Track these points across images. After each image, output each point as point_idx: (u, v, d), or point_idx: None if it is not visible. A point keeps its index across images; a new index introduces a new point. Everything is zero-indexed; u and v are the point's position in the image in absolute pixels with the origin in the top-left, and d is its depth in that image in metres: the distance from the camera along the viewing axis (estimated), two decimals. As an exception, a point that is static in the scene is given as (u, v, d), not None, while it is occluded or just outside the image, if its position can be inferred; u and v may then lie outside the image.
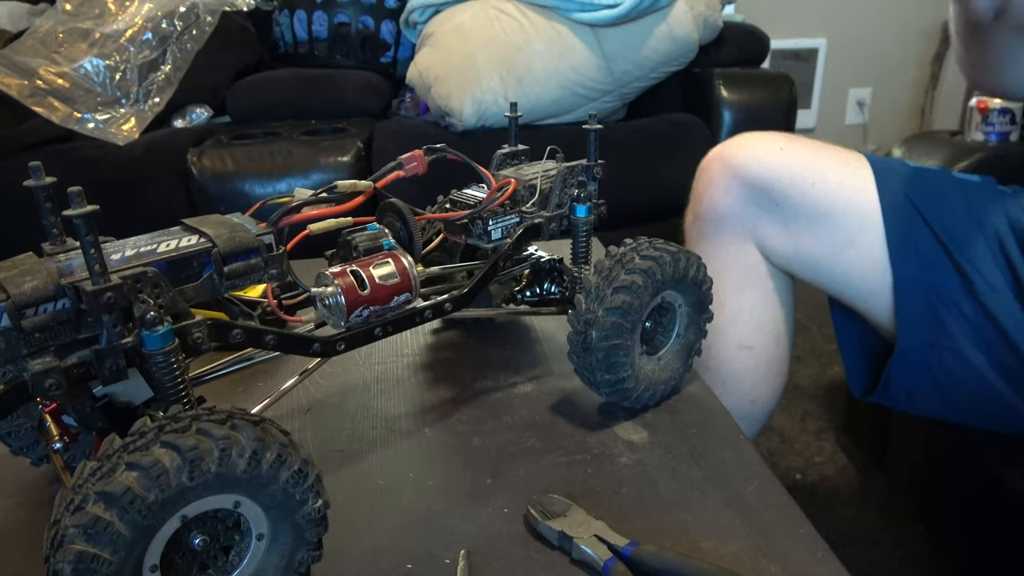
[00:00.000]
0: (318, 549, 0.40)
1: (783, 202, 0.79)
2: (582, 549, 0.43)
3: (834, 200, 0.77)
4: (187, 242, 0.42)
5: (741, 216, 0.82)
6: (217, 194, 1.33)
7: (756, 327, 0.86)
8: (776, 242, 0.81)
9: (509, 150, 0.63)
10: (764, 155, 0.81)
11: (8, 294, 0.36)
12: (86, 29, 1.49)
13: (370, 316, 0.48)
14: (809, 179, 0.78)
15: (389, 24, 1.71)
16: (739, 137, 0.86)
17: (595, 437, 0.55)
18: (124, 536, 0.32)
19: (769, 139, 0.83)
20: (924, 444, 1.12)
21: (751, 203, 0.81)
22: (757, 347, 0.86)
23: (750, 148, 0.82)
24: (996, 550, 0.93)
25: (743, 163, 0.81)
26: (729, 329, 0.85)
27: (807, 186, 0.78)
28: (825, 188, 0.77)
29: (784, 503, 0.48)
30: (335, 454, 0.54)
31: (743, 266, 0.85)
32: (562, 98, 1.38)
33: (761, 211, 0.81)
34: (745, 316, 0.85)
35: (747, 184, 0.81)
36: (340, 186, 0.49)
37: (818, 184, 0.77)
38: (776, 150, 0.80)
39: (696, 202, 0.87)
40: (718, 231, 0.84)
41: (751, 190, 0.81)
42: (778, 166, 0.79)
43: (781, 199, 0.79)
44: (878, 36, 2.60)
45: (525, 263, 0.64)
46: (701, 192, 0.86)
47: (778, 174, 0.79)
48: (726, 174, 0.83)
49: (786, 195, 0.79)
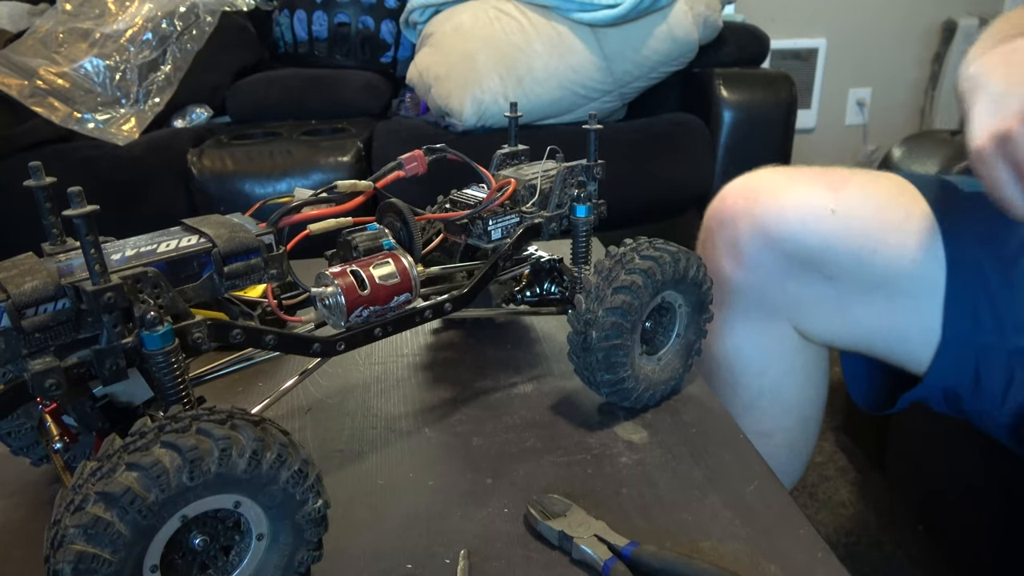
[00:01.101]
0: (318, 549, 0.40)
1: (837, 275, 0.65)
2: (582, 549, 0.43)
3: (899, 264, 0.63)
4: (187, 242, 0.42)
5: (774, 291, 0.68)
6: (217, 194, 1.33)
7: (779, 411, 0.74)
8: (819, 317, 0.68)
9: (509, 150, 0.63)
10: (815, 222, 0.64)
11: (8, 294, 0.36)
12: (86, 29, 1.49)
13: (370, 316, 0.48)
14: (870, 245, 0.63)
15: (389, 24, 1.71)
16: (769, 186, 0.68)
17: (595, 437, 0.55)
18: (124, 536, 0.32)
19: (814, 196, 0.65)
20: (924, 444, 1.12)
21: (791, 278, 0.66)
22: (777, 435, 0.74)
23: (794, 212, 0.65)
24: (996, 550, 0.93)
25: (786, 232, 0.65)
26: (745, 415, 0.72)
27: (867, 254, 0.63)
28: (888, 252, 0.63)
29: (784, 503, 0.48)
30: (335, 454, 0.54)
31: (768, 344, 0.71)
32: (562, 98, 1.38)
33: (803, 286, 0.67)
34: (765, 400, 0.73)
35: (789, 257, 0.66)
36: (340, 186, 0.49)
37: (880, 250, 0.63)
38: (827, 213, 0.64)
39: (712, 266, 0.70)
40: (741, 304, 0.70)
41: (794, 264, 0.66)
42: (833, 235, 0.64)
43: (835, 272, 0.65)
44: (878, 36, 2.60)
45: (525, 263, 0.64)
46: (719, 257, 0.70)
47: (834, 244, 0.64)
48: (758, 242, 0.66)
49: (841, 268, 0.65)
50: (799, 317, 0.69)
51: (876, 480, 1.26)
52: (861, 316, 0.66)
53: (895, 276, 0.64)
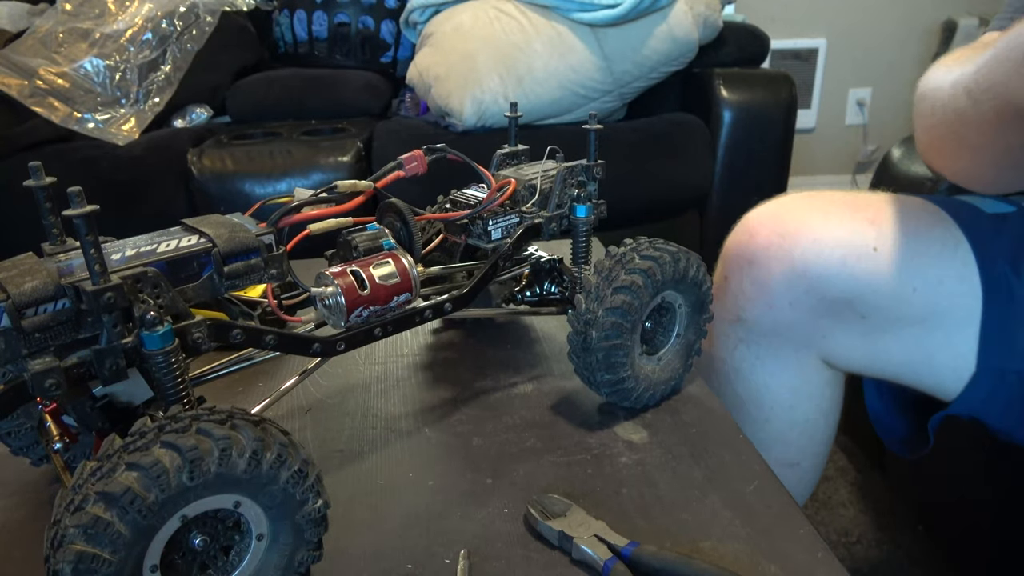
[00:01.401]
0: (318, 549, 0.40)
1: (872, 314, 0.63)
2: (582, 549, 0.43)
3: (935, 301, 0.62)
4: (187, 242, 0.42)
5: (806, 327, 0.67)
6: (217, 194, 1.33)
7: (806, 443, 0.73)
8: (849, 351, 0.67)
9: (509, 150, 0.63)
10: (856, 262, 0.62)
11: (8, 294, 0.36)
12: (86, 29, 1.49)
13: (370, 316, 0.48)
14: (910, 283, 0.62)
15: (389, 24, 1.71)
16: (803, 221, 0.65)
17: (595, 437, 0.55)
18: (124, 536, 0.32)
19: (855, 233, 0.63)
20: (924, 444, 1.12)
21: (824, 316, 0.65)
22: (804, 463, 0.74)
23: (835, 252, 0.63)
24: (996, 550, 0.93)
25: (825, 275, 0.63)
26: (776, 447, 0.71)
27: (907, 292, 0.62)
28: (926, 290, 0.62)
29: (784, 503, 0.48)
30: (335, 454, 0.54)
31: (799, 380, 0.70)
32: (562, 98, 1.38)
33: (836, 322, 0.65)
34: (795, 433, 0.72)
35: (825, 298, 0.64)
36: (340, 186, 0.49)
37: (920, 288, 0.62)
38: (870, 251, 0.62)
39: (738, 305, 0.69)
40: (771, 342, 0.69)
41: (830, 304, 0.64)
42: (874, 275, 0.62)
43: (870, 312, 0.63)
44: (878, 36, 2.60)
45: (525, 263, 0.64)
46: (748, 296, 0.68)
47: (874, 284, 0.62)
48: (794, 283, 0.64)
49: (878, 307, 0.63)
50: (828, 351, 0.68)
51: (876, 480, 1.26)
52: (892, 349, 0.65)
53: (933, 312, 0.63)
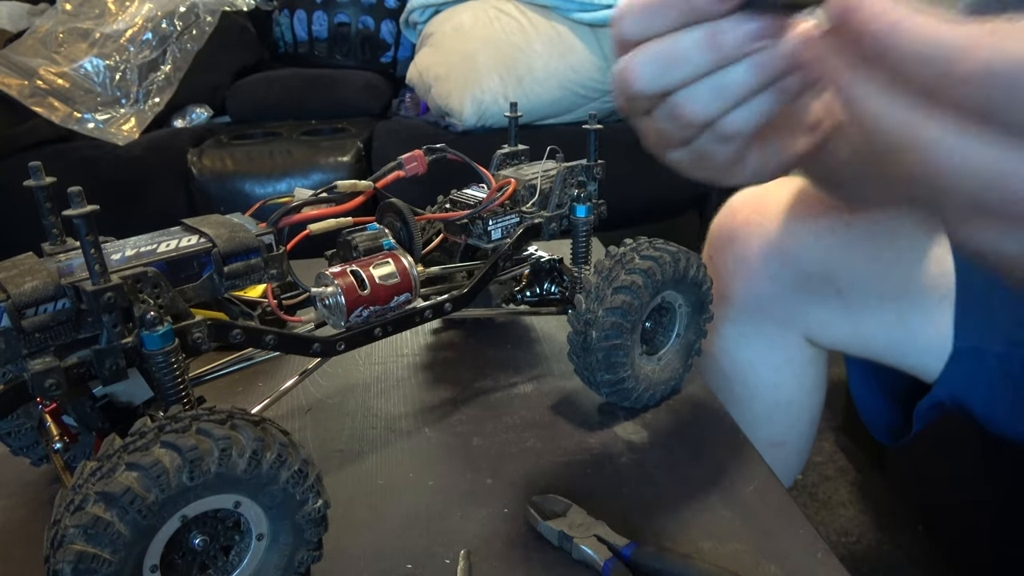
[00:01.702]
0: (318, 549, 0.40)
1: (849, 290, 0.64)
2: (582, 549, 0.43)
3: (913, 277, 0.62)
4: (187, 242, 0.42)
5: (786, 304, 0.67)
6: (217, 194, 1.33)
7: (792, 422, 0.74)
8: (830, 328, 0.67)
9: (509, 150, 0.63)
10: (830, 236, 0.63)
11: (8, 294, 0.36)
12: (86, 29, 1.49)
13: (370, 316, 0.48)
14: (885, 258, 0.62)
15: (389, 24, 1.71)
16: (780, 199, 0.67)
17: (595, 437, 0.55)
18: (124, 536, 0.32)
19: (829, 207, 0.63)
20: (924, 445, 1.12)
21: (803, 291, 0.66)
22: (790, 442, 0.75)
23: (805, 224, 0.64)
24: (996, 550, 0.93)
25: (798, 248, 0.64)
26: (761, 427, 0.70)
27: (881, 267, 0.62)
28: (901, 266, 0.62)
29: (784, 503, 0.48)
30: (335, 454, 0.54)
31: (783, 358, 0.71)
32: (562, 98, 1.38)
33: (815, 299, 0.66)
34: (780, 412, 0.73)
35: (802, 272, 0.65)
36: (340, 186, 0.49)
37: (895, 263, 0.62)
38: (843, 226, 0.62)
39: (722, 282, 0.69)
40: (754, 319, 0.70)
41: (806, 278, 0.65)
42: (847, 249, 0.62)
43: (847, 288, 0.64)
44: (878, 36, 2.60)
45: (525, 263, 0.64)
46: (730, 273, 0.69)
47: (849, 259, 0.63)
48: (771, 258, 0.66)
49: (854, 284, 0.63)
50: (809, 327, 0.69)
51: (876, 480, 1.26)
52: (872, 326, 0.65)
53: (908, 289, 0.63)
